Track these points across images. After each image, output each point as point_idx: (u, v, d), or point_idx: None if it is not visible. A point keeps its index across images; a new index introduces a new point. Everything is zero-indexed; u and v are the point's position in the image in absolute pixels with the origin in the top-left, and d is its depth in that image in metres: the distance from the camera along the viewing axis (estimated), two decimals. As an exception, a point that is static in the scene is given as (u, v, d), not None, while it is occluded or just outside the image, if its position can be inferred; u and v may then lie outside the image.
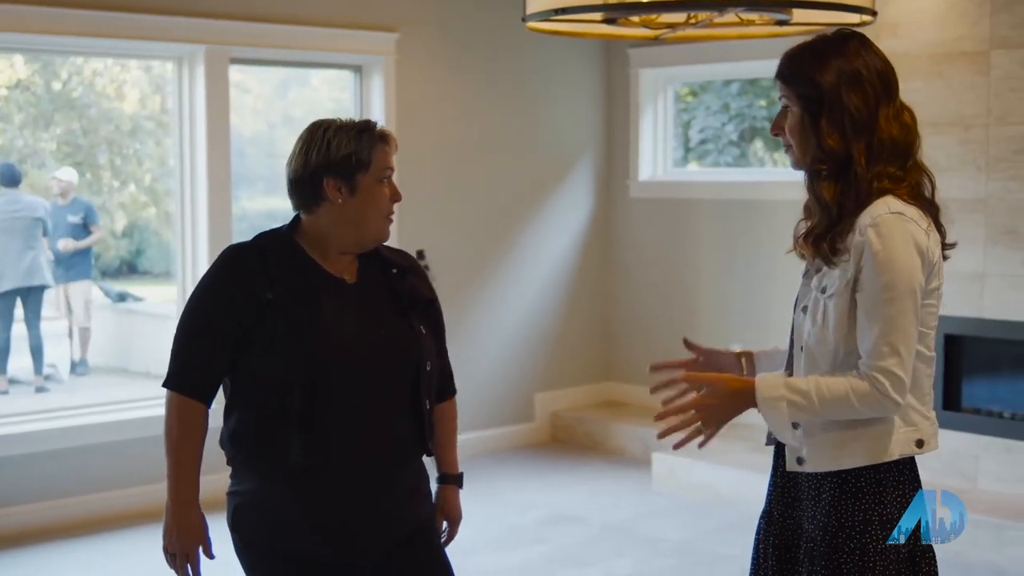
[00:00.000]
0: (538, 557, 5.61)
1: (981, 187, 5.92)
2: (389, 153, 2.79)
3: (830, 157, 2.56)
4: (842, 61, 2.57)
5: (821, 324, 2.58)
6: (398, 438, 2.78)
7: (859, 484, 2.56)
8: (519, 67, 7.63)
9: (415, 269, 2.93)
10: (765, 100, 8.14)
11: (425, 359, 2.80)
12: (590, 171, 8.06)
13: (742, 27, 4.36)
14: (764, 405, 2.55)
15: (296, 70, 6.66)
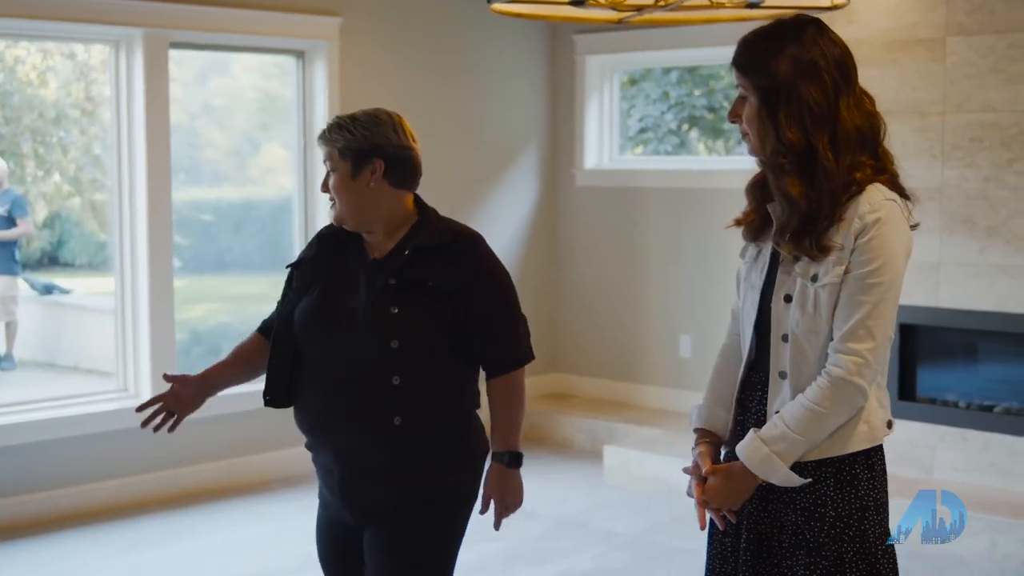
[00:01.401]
0: (495, 554, 5.49)
1: (936, 175, 5.88)
2: (320, 150, 3.04)
3: (790, 150, 2.49)
4: (799, 50, 2.50)
5: (812, 313, 2.51)
6: (361, 409, 2.90)
7: (854, 471, 2.54)
8: (464, 54, 7.49)
9: (443, 249, 2.98)
10: (704, 88, 8.07)
11: (390, 336, 2.86)
12: (535, 159, 7.95)
13: (710, 11, 4.26)
14: (761, 471, 2.52)
15: (215, 59, 6.46)
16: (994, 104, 5.71)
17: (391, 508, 2.96)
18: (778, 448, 2.49)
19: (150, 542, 5.70)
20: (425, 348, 2.90)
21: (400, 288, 2.90)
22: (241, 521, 6.01)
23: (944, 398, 6.06)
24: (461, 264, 2.97)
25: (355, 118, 3.01)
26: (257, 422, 6.60)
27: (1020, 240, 5.67)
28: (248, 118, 7.01)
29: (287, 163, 7.11)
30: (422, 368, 2.90)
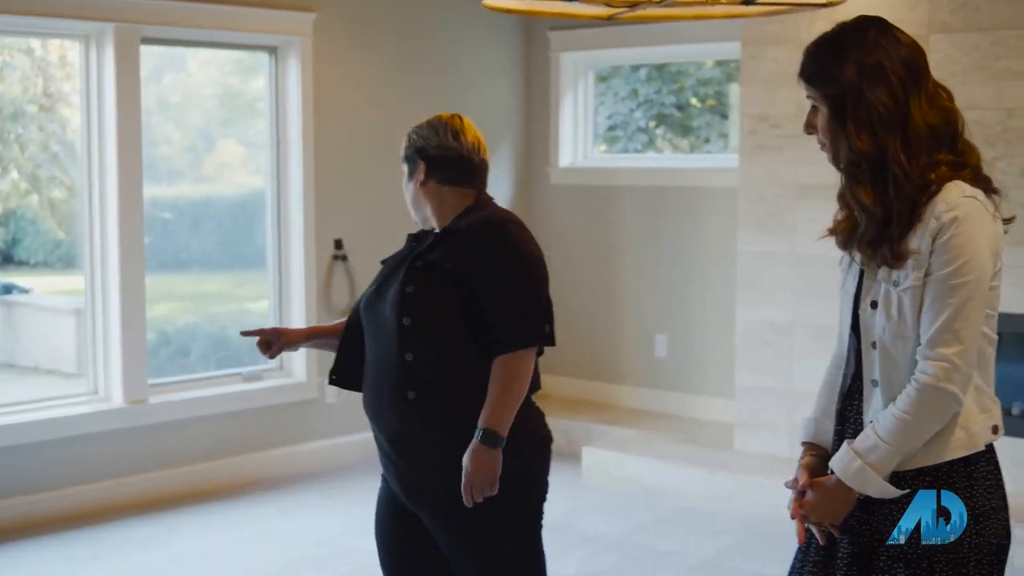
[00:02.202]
0: (478, 558, 5.41)
1: (920, 173, 5.85)
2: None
3: (863, 158, 2.45)
4: (862, 54, 2.46)
5: (897, 319, 2.45)
6: (384, 385, 3.06)
7: (951, 480, 2.45)
8: (438, 50, 7.40)
9: (462, 233, 3.07)
10: (673, 86, 8.02)
11: (403, 314, 3.00)
12: (510, 157, 7.87)
13: (703, 7, 4.19)
14: (855, 484, 2.47)
15: (171, 54, 6.33)
16: (978, 102, 5.68)
17: (437, 492, 3.03)
18: (871, 459, 2.44)
19: (121, 550, 5.58)
20: (433, 327, 3.01)
21: (420, 269, 3.04)
22: (216, 526, 5.89)
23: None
24: (476, 247, 3.04)
25: (418, 126, 3.27)
26: (230, 425, 6.50)
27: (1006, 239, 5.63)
28: (204, 115, 6.88)
29: (244, 160, 6.98)
30: (431, 346, 3.00)
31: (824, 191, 6.12)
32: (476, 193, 3.19)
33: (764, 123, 6.35)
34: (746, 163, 6.44)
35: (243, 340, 6.75)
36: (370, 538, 5.66)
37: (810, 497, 2.54)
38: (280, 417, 6.73)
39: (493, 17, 7.58)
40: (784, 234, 6.32)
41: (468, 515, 2.99)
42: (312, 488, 6.50)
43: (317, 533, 5.81)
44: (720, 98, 7.93)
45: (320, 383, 6.82)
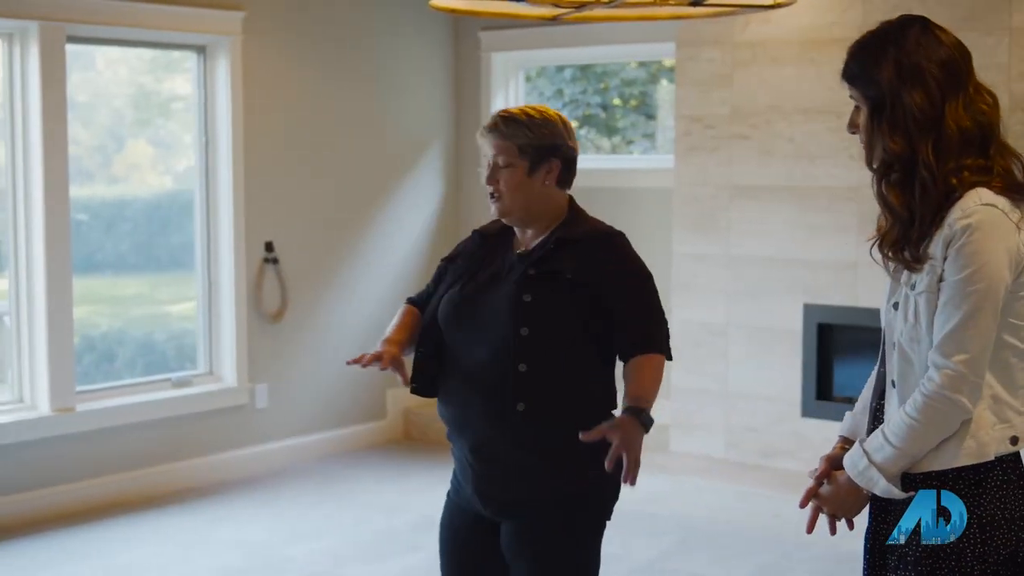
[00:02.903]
0: (418, 565, 5.35)
1: (854, 175, 5.90)
2: (483, 142, 3.06)
3: (896, 159, 2.44)
4: (901, 55, 2.44)
5: (913, 322, 2.46)
6: (489, 396, 2.96)
7: (957, 487, 2.45)
8: (370, 50, 7.32)
9: (582, 242, 3.03)
10: (598, 86, 8.02)
11: (520, 324, 2.93)
12: (440, 158, 7.81)
13: (650, 8, 4.18)
14: (861, 482, 2.49)
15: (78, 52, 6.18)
16: (911, 104, 5.74)
17: (527, 502, 2.99)
18: (877, 459, 2.45)
19: (50, 562, 5.44)
20: (554, 337, 2.95)
21: (538, 278, 2.97)
22: (147, 536, 5.77)
23: (861, 397, 6.09)
24: (600, 258, 3.01)
25: (530, 116, 3.04)
26: (159, 432, 6.38)
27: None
28: (114, 114, 6.73)
29: (154, 161, 6.85)
30: (549, 357, 2.94)
31: (758, 192, 6.19)
32: (571, 198, 3.15)
33: (698, 124, 6.36)
34: (681, 164, 6.45)
35: (170, 345, 6.66)
36: (303, 545, 5.62)
37: (825, 488, 2.59)
38: (210, 423, 6.61)
39: (424, 17, 7.53)
40: (719, 235, 6.34)
41: (554, 523, 2.99)
42: (244, 495, 6.39)
43: (250, 542, 5.71)
44: (644, 98, 7.94)
45: (250, 388, 6.71)
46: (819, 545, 5.61)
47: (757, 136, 6.17)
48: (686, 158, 6.42)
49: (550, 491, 2.97)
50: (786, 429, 6.19)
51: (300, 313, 6.98)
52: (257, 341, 6.77)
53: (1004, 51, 5.46)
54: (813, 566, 5.39)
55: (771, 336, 6.20)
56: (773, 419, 6.22)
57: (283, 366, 6.91)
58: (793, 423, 6.17)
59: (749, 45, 6.17)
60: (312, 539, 5.75)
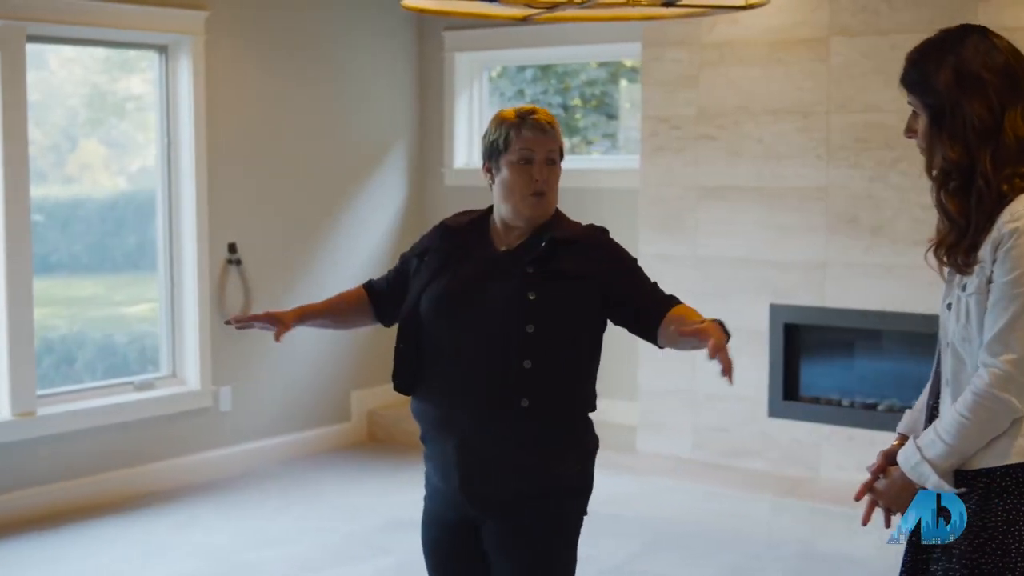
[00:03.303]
0: (388, 568, 5.31)
1: (822, 175, 5.91)
2: (532, 138, 3.04)
3: (954, 168, 2.49)
4: (961, 64, 2.49)
5: (964, 322, 2.52)
6: (490, 392, 2.96)
7: (1005, 484, 2.49)
8: (333, 50, 7.27)
9: (577, 241, 3.08)
10: (559, 86, 8.01)
11: (526, 322, 2.95)
12: (403, 158, 7.77)
13: (623, 9, 4.16)
14: (914, 476, 2.56)
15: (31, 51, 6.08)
16: (878, 104, 5.75)
17: (516, 498, 3.00)
18: (929, 455, 2.52)
19: (11, 568, 5.37)
20: (557, 335, 2.99)
21: (538, 276, 3.00)
22: (109, 541, 5.69)
23: (828, 397, 6.10)
24: (596, 252, 3.08)
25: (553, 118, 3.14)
26: (122, 436, 6.30)
27: (905, 240, 5.73)
28: (67, 114, 6.63)
29: (107, 161, 6.76)
30: (552, 354, 2.98)
31: (726, 193, 6.19)
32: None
33: (665, 125, 6.35)
34: (647, 164, 6.44)
35: (131, 347, 6.58)
36: (270, 550, 5.57)
37: (880, 483, 2.66)
38: (173, 426, 6.54)
39: (387, 17, 7.49)
40: (686, 236, 6.33)
41: (546, 519, 3.03)
42: (207, 499, 6.32)
43: (214, 547, 5.64)
44: (605, 99, 7.93)
45: (214, 391, 6.65)
46: (788, 545, 5.62)
47: (724, 137, 6.17)
48: (652, 158, 6.41)
49: (539, 487, 3.00)
50: (753, 429, 6.19)
51: (262, 315, 6.89)
52: (220, 343, 6.70)
53: (970, 52, 5.48)
54: (783, 565, 5.39)
55: (738, 336, 6.17)
56: (740, 419, 6.22)
57: (247, 369, 6.84)
58: (760, 423, 6.17)
59: (716, 46, 6.17)
60: (278, 544, 5.69)
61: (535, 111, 3.09)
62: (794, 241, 6.00)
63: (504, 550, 3.04)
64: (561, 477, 3.02)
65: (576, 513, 3.08)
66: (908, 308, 5.78)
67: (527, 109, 3.10)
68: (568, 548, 3.08)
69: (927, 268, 5.86)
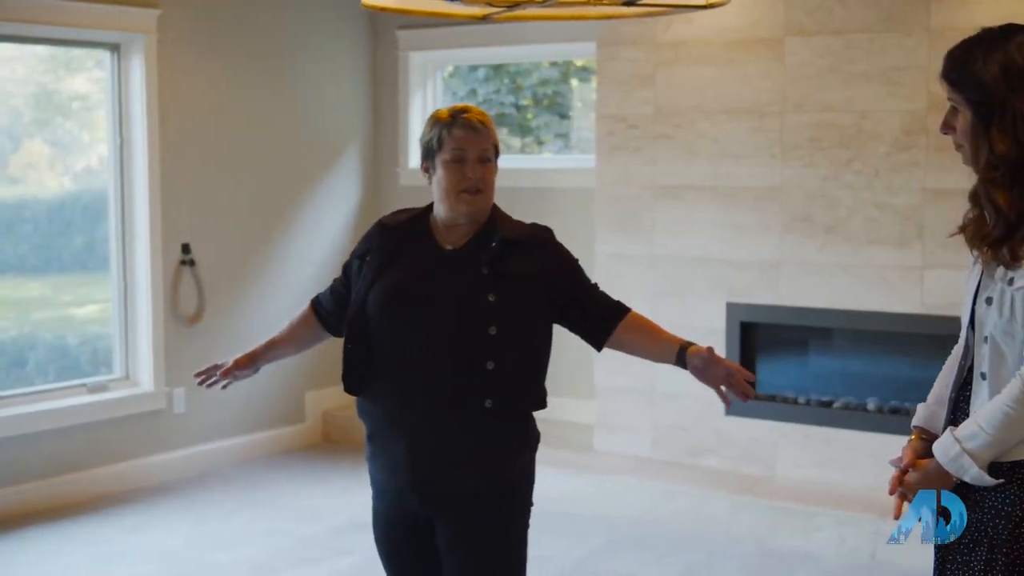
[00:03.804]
0: (347, 569, 5.29)
1: (776, 175, 5.94)
2: (464, 137, 3.07)
3: (1003, 162, 2.51)
4: (1008, 60, 2.51)
5: (1009, 316, 2.53)
6: (455, 393, 2.99)
7: None
8: (287, 49, 7.23)
9: (525, 242, 3.12)
10: (511, 85, 8.00)
11: (488, 324, 2.99)
12: (358, 158, 7.74)
13: (584, 8, 4.16)
14: (953, 469, 2.55)
15: None
16: (832, 104, 5.79)
17: (470, 495, 3.05)
18: (970, 447, 2.52)
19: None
20: (518, 335, 3.05)
21: (495, 278, 3.04)
22: (65, 545, 5.63)
23: (784, 395, 6.13)
24: (541, 252, 3.14)
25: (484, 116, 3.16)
26: (75, 439, 6.24)
27: (858, 239, 5.77)
28: (10, 113, 6.54)
29: (52, 161, 6.69)
30: (513, 354, 3.04)
31: (682, 192, 6.20)
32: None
33: (621, 124, 6.36)
34: (603, 164, 6.45)
35: (83, 349, 6.50)
36: (226, 552, 5.53)
37: (911, 476, 2.65)
38: (127, 428, 6.48)
39: (342, 15, 7.46)
40: (642, 235, 6.34)
41: (496, 512, 3.09)
42: (163, 502, 6.27)
43: (170, 550, 5.60)
44: (557, 98, 7.94)
45: (168, 392, 6.59)
46: (747, 542, 5.65)
47: (681, 136, 6.19)
48: (608, 158, 6.42)
49: (494, 484, 3.07)
50: (711, 427, 6.21)
51: (218, 316, 6.86)
52: (174, 344, 6.64)
53: (923, 52, 5.53)
54: (742, 563, 5.42)
55: (695, 335, 6.14)
56: (698, 417, 6.24)
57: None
58: (717, 421, 6.19)
59: (672, 45, 6.18)
60: (234, 546, 5.65)
61: (467, 110, 3.12)
62: (750, 240, 6.03)
63: (461, 548, 3.08)
64: (513, 473, 3.10)
65: (526, 506, 3.17)
66: (862, 306, 5.82)
67: (459, 108, 3.13)
68: (521, 538, 3.16)
69: (881, 267, 5.93)
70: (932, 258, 5.60)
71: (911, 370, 6.01)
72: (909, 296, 5.68)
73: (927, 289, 5.63)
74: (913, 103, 5.60)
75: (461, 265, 3.08)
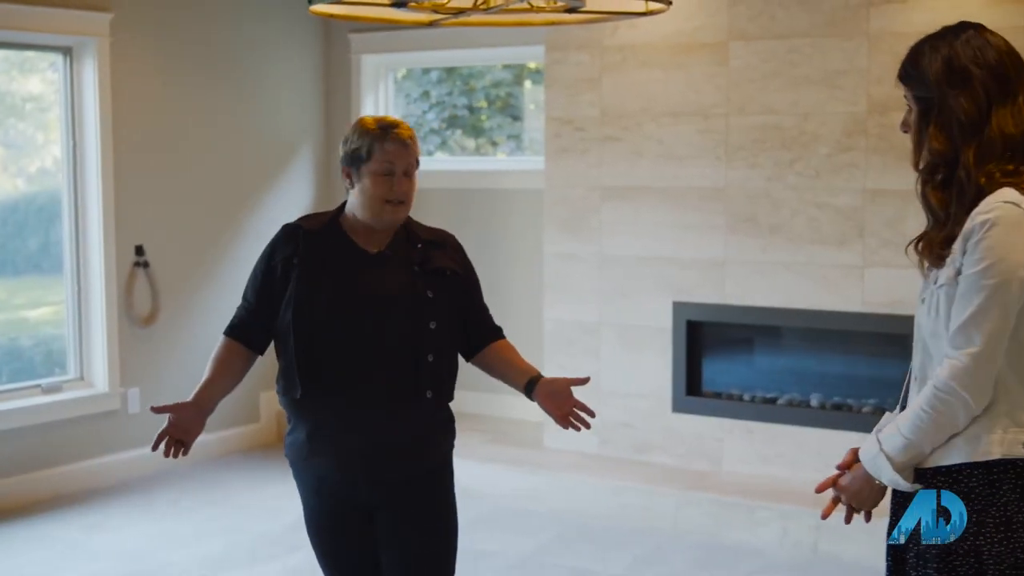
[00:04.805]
0: (300, 565, 5.35)
1: (721, 176, 6.06)
2: (394, 151, 3.21)
3: (941, 160, 2.51)
4: (952, 55, 2.50)
5: (935, 316, 2.51)
6: (389, 385, 3.15)
7: (970, 484, 2.46)
8: (239, 52, 7.28)
9: (442, 244, 3.33)
10: (464, 87, 8.08)
11: (429, 319, 3.17)
12: (311, 161, 7.80)
13: (527, 14, 4.26)
14: (871, 469, 2.56)
15: None
16: (775, 107, 5.92)
17: (413, 481, 3.24)
18: (886, 448, 2.51)
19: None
20: (450, 328, 3.26)
21: (428, 275, 3.23)
22: (20, 545, 5.67)
23: (729, 392, 6.25)
24: (458, 256, 3.36)
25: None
26: (29, 439, 6.27)
27: (801, 238, 5.89)
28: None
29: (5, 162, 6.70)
30: (448, 346, 3.26)
31: (629, 193, 6.32)
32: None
33: (568, 126, 6.47)
34: (551, 165, 6.55)
35: (37, 351, 6.53)
36: (181, 551, 5.59)
37: (844, 478, 2.65)
38: (82, 429, 6.52)
39: (294, 18, 7.52)
40: (590, 235, 6.45)
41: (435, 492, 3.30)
42: (118, 501, 6.32)
43: (125, 550, 5.65)
44: (510, 100, 8.03)
45: (122, 393, 6.63)
46: (692, 536, 5.77)
47: (627, 138, 6.30)
48: (556, 159, 6.52)
49: (427, 465, 3.28)
50: (658, 424, 6.32)
51: (171, 316, 6.91)
52: (128, 345, 6.69)
53: (863, 56, 5.67)
54: (687, 556, 5.53)
55: (642, 334, 6.34)
56: (645, 415, 6.35)
57: (155, 370, 6.83)
58: (664, 418, 6.31)
59: (618, 49, 6.30)
60: (189, 544, 5.71)
61: (397, 124, 3.24)
62: (695, 240, 6.15)
63: (405, 531, 3.26)
64: (446, 455, 3.35)
65: (452, 482, 3.39)
66: (805, 304, 5.95)
67: (389, 122, 3.25)
68: (454, 512, 3.37)
69: (823, 266, 6.06)
70: (873, 257, 5.74)
71: (854, 367, 6.15)
72: (850, 295, 5.82)
73: (868, 287, 5.77)
74: (853, 106, 5.74)
75: (391, 266, 3.23)
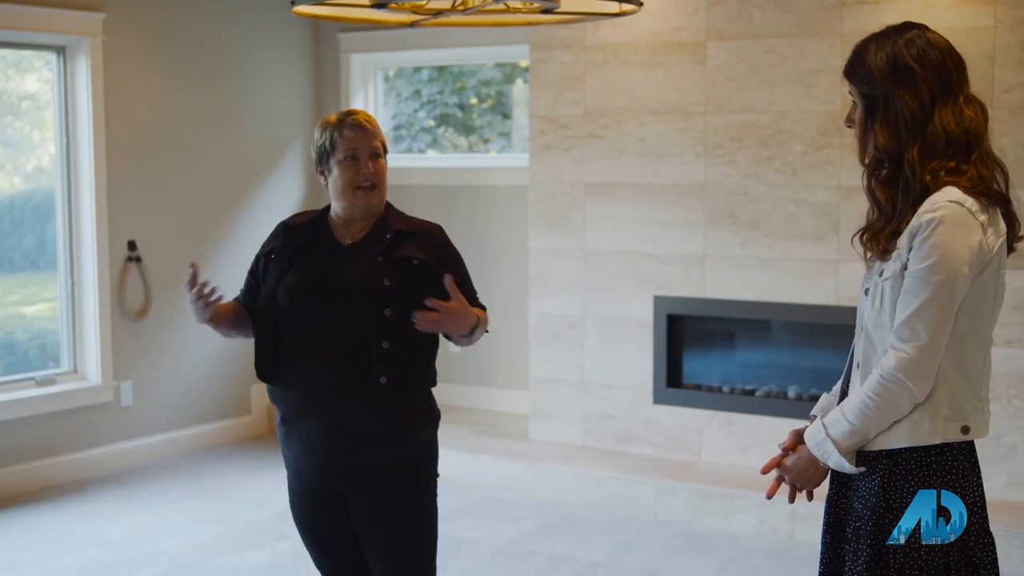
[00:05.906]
0: (287, 552, 5.48)
1: (700, 173, 6.19)
2: (354, 136, 3.33)
3: (885, 155, 2.60)
4: (896, 53, 2.58)
5: (879, 307, 2.61)
6: (356, 371, 3.24)
7: (909, 467, 2.58)
8: (230, 51, 7.40)
9: (417, 234, 3.37)
10: (454, 86, 8.18)
11: (384, 306, 3.24)
12: (300, 159, 7.92)
13: (503, 15, 4.39)
14: (817, 453, 2.66)
15: None
16: (752, 105, 6.04)
17: (381, 467, 3.30)
18: (832, 433, 2.61)
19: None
20: (409, 316, 3.24)
21: (389, 264, 3.28)
22: (13, 534, 5.78)
23: (709, 384, 6.38)
24: (434, 246, 3.39)
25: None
26: (23, 431, 6.39)
27: (778, 233, 6.02)
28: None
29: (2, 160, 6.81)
30: (407, 334, 3.25)
31: (611, 189, 6.45)
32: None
33: (552, 124, 6.60)
34: (536, 163, 6.68)
35: (32, 344, 6.65)
36: (171, 539, 5.70)
37: (789, 459, 2.76)
38: (75, 421, 6.65)
39: (284, 18, 7.63)
40: (573, 231, 6.58)
41: (408, 483, 3.35)
42: (110, 492, 6.44)
43: (117, 537, 5.77)
44: (500, 98, 8.14)
45: (115, 386, 6.76)
46: (672, 525, 5.90)
47: (609, 136, 6.43)
48: (541, 157, 6.65)
49: (398, 454, 3.33)
50: (639, 415, 6.45)
51: (164, 311, 7.04)
52: (121, 339, 6.82)
53: (837, 56, 5.79)
54: (666, 543, 5.66)
55: (624, 327, 6.47)
56: (627, 406, 6.48)
57: (147, 363, 6.96)
58: (646, 410, 6.44)
59: (600, 48, 6.43)
60: (179, 533, 5.83)
61: (354, 112, 3.39)
62: (675, 236, 6.28)
63: (376, 519, 3.35)
64: (417, 444, 3.36)
65: (432, 477, 3.44)
66: (782, 298, 6.08)
67: (347, 112, 3.40)
68: (431, 506, 3.43)
69: (799, 260, 6.19)
70: (847, 252, 5.85)
71: (829, 359, 6.26)
72: (826, 288, 5.95)
73: (842, 281, 5.90)
74: (828, 104, 5.86)
75: (358, 256, 3.32)
